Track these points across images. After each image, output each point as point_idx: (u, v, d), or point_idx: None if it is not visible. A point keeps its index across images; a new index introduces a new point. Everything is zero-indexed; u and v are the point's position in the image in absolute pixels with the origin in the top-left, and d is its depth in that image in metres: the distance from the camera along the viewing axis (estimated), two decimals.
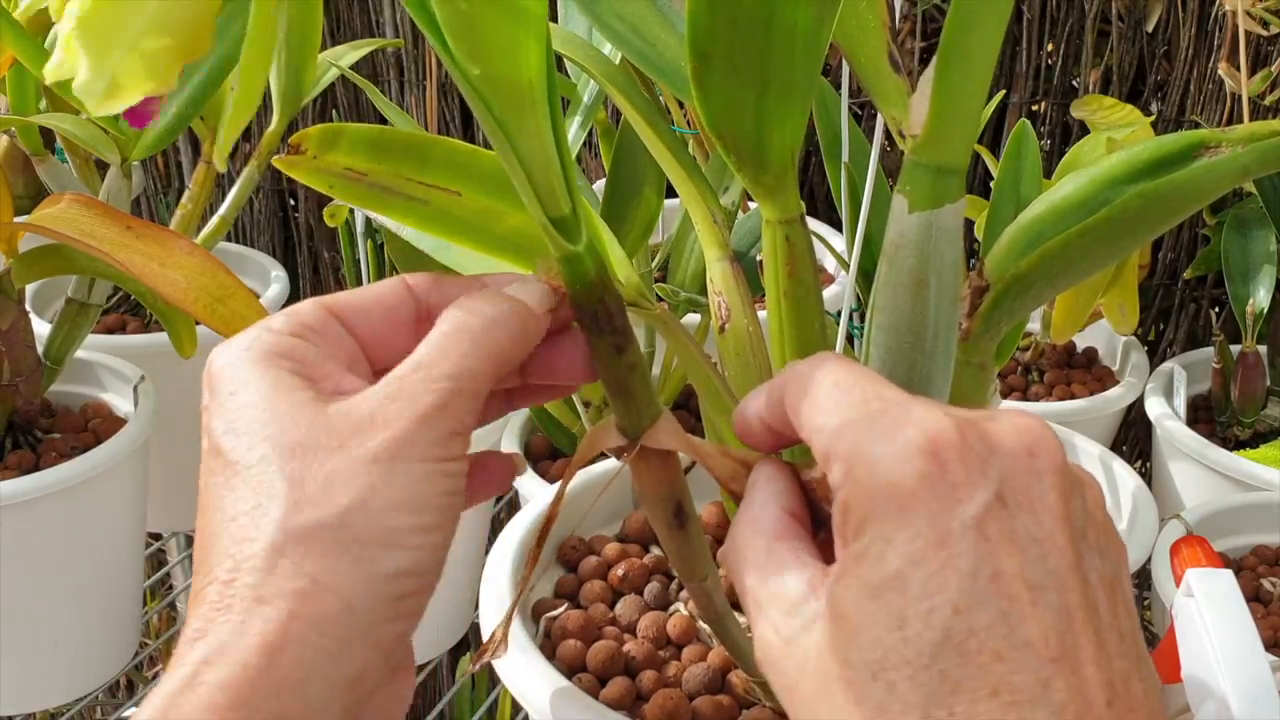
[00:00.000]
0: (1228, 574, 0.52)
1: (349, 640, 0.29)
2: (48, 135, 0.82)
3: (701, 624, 0.49)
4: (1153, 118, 0.92)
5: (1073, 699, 0.26)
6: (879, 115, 0.40)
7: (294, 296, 1.37)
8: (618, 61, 0.50)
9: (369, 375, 0.34)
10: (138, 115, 0.37)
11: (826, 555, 0.31)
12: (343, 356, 0.33)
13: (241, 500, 0.30)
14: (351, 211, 0.75)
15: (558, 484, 0.56)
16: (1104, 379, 0.96)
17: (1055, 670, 0.26)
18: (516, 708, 0.93)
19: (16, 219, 0.68)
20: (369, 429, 0.30)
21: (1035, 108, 1.06)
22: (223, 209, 0.92)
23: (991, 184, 0.62)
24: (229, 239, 1.19)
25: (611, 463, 0.56)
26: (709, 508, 0.56)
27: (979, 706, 0.26)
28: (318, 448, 0.30)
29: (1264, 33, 0.89)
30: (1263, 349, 0.88)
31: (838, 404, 0.30)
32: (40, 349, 0.75)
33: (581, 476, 0.56)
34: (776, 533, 0.32)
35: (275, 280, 1.05)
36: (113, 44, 0.33)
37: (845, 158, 0.53)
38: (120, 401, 0.82)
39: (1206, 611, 0.50)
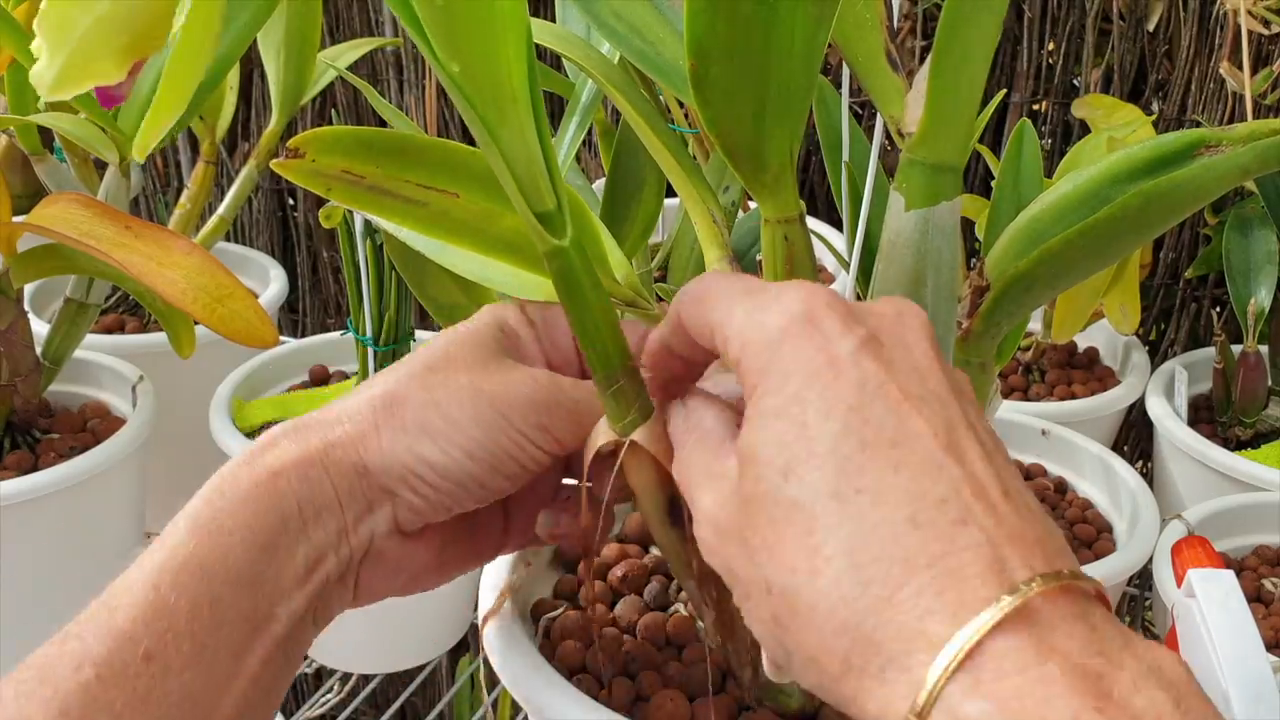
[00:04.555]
0: (1229, 574, 0.52)
1: (367, 476, 0.37)
2: (46, 135, 0.82)
3: (700, 623, 0.48)
4: (1154, 117, 0.92)
5: (967, 481, 0.28)
6: (879, 114, 0.40)
7: (293, 296, 1.37)
8: (616, 61, 0.50)
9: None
10: (105, 97, 0.38)
11: None
12: (535, 349, 0.42)
13: (403, 360, 0.40)
14: (349, 211, 0.74)
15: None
16: (1105, 379, 0.96)
17: (946, 457, 0.29)
18: (516, 708, 0.93)
19: (15, 219, 0.68)
20: (495, 377, 0.38)
21: (1036, 107, 1.05)
22: (221, 208, 0.92)
23: (993, 183, 0.62)
24: (228, 239, 1.19)
25: None
26: None
27: (885, 480, 0.28)
28: (460, 365, 0.39)
29: (1265, 32, 0.89)
30: (1264, 349, 0.88)
31: (724, 297, 0.33)
32: (39, 349, 0.75)
33: None
34: (723, 437, 0.34)
35: (274, 280, 1.05)
36: (66, 35, 0.34)
37: (846, 157, 0.52)
38: (119, 401, 0.82)
39: (1208, 612, 0.50)
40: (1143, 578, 0.93)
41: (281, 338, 0.87)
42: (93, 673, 0.33)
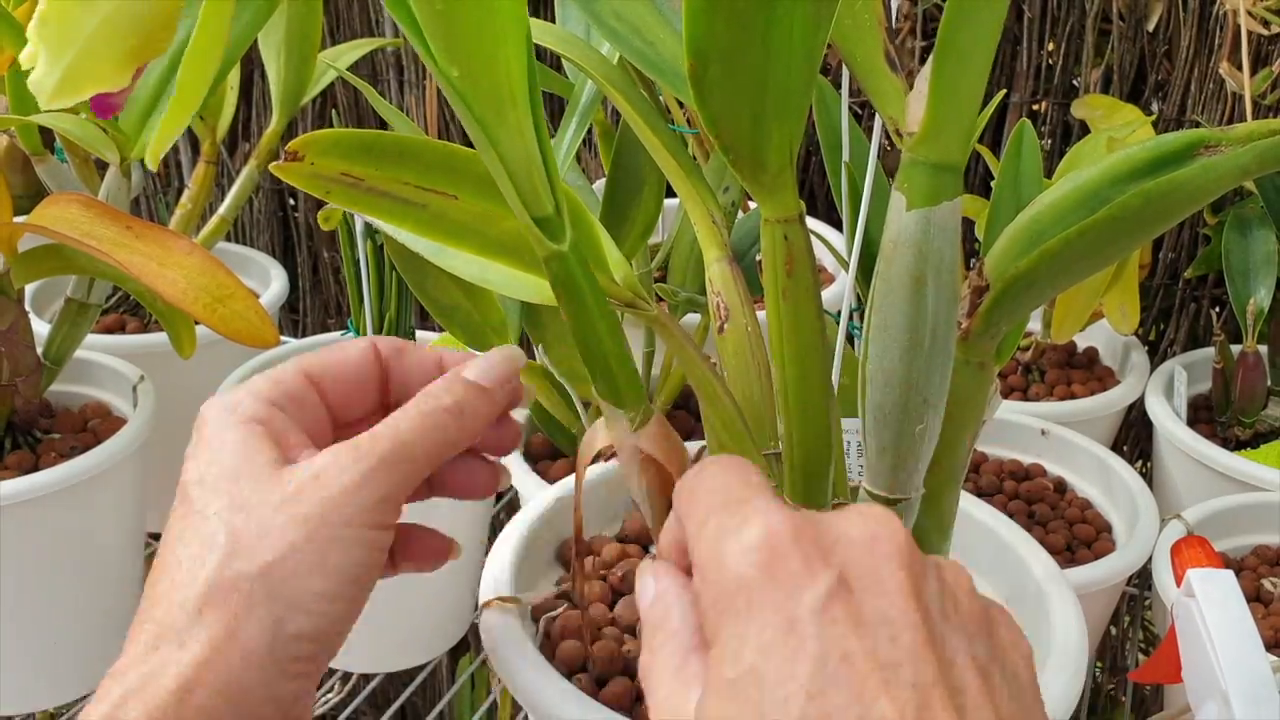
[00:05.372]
0: (1228, 574, 0.52)
1: (250, 690, 0.33)
2: (47, 135, 0.82)
3: None
4: (1153, 117, 0.92)
5: None
6: (878, 114, 0.40)
7: (293, 296, 1.37)
8: (616, 61, 0.50)
9: (329, 437, 0.39)
10: (102, 106, 0.38)
11: None
12: (311, 423, 0.38)
13: (189, 546, 0.34)
14: (349, 212, 0.74)
15: (558, 485, 0.56)
16: (1105, 379, 0.96)
17: None
18: (516, 708, 0.93)
19: (16, 219, 0.68)
20: (309, 489, 0.34)
21: (1036, 107, 1.06)
22: (222, 209, 0.92)
23: (992, 184, 0.62)
24: (228, 239, 1.19)
25: (612, 464, 0.56)
26: None
27: None
28: (263, 505, 0.34)
29: (1265, 32, 0.89)
30: (1263, 349, 0.88)
31: (702, 505, 0.30)
32: (40, 349, 0.75)
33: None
34: (688, 646, 0.31)
35: (275, 280, 1.05)
36: (68, 43, 0.34)
37: (845, 157, 0.53)
38: (120, 401, 0.82)
39: (1207, 611, 0.50)
40: (1142, 577, 0.93)
41: (282, 338, 0.87)
42: None
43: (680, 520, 0.32)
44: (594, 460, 0.40)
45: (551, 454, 0.79)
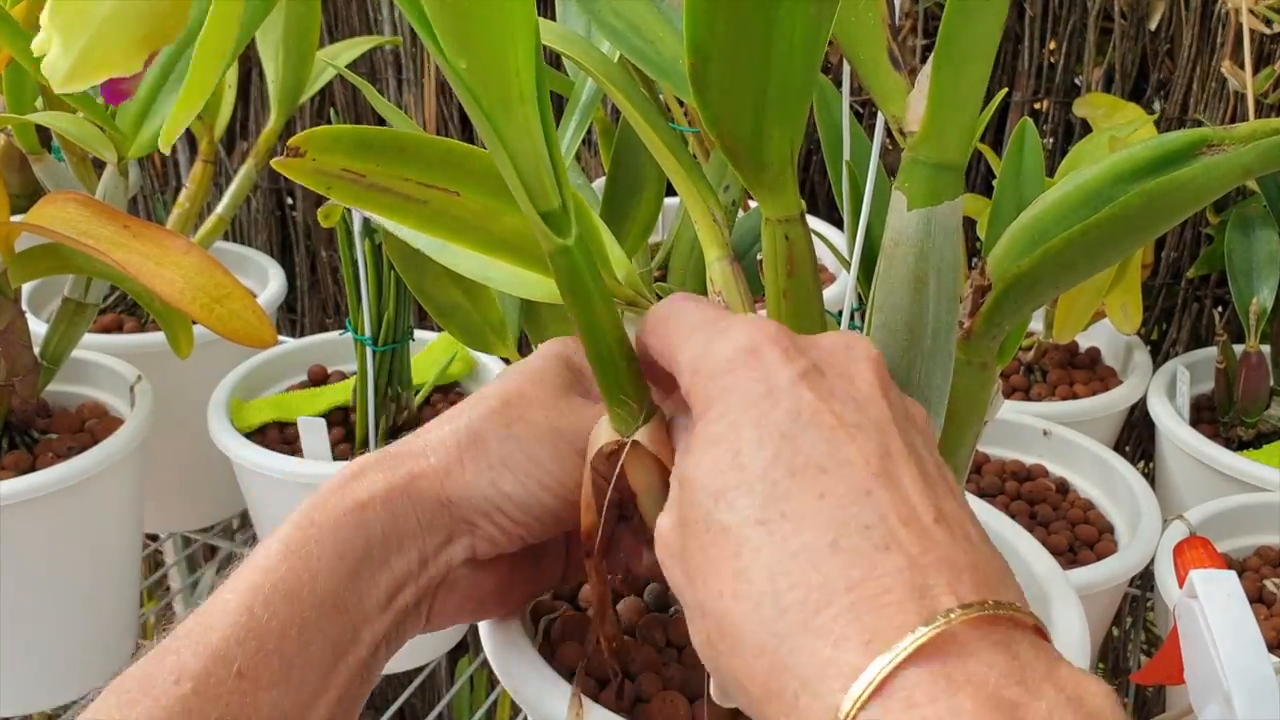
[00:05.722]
0: (1231, 575, 0.51)
1: (449, 507, 0.40)
2: (44, 134, 0.82)
3: None
4: (1156, 116, 0.92)
5: (896, 507, 0.29)
6: (880, 113, 0.39)
7: (291, 296, 1.37)
8: (616, 59, 0.50)
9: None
10: (114, 92, 0.38)
11: None
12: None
13: (477, 396, 0.42)
14: (348, 211, 0.74)
15: None
16: (1107, 379, 0.96)
17: (877, 483, 0.29)
18: (516, 709, 0.93)
19: (13, 218, 0.68)
20: (569, 415, 0.41)
21: (1038, 106, 1.05)
22: (220, 208, 0.92)
23: (994, 183, 0.62)
24: (226, 238, 1.19)
25: None
26: None
27: (809, 505, 0.29)
28: (536, 403, 0.41)
29: (1267, 31, 0.89)
30: (1266, 349, 0.88)
31: (683, 326, 0.35)
32: (37, 349, 0.75)
33: None
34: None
35: (272, 279, 1.05)
36: (81, 26, 0.34)
37: (846, 155, 0.52)
38: (117, 401, 0.82)
39: (1210, 613, 0.50)
40: (1144, 578, 0.93)
41: (280, 337, 0.87)
42: (190, 686, 0.34)
43: (654, 344, 0.36)
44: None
45: None
